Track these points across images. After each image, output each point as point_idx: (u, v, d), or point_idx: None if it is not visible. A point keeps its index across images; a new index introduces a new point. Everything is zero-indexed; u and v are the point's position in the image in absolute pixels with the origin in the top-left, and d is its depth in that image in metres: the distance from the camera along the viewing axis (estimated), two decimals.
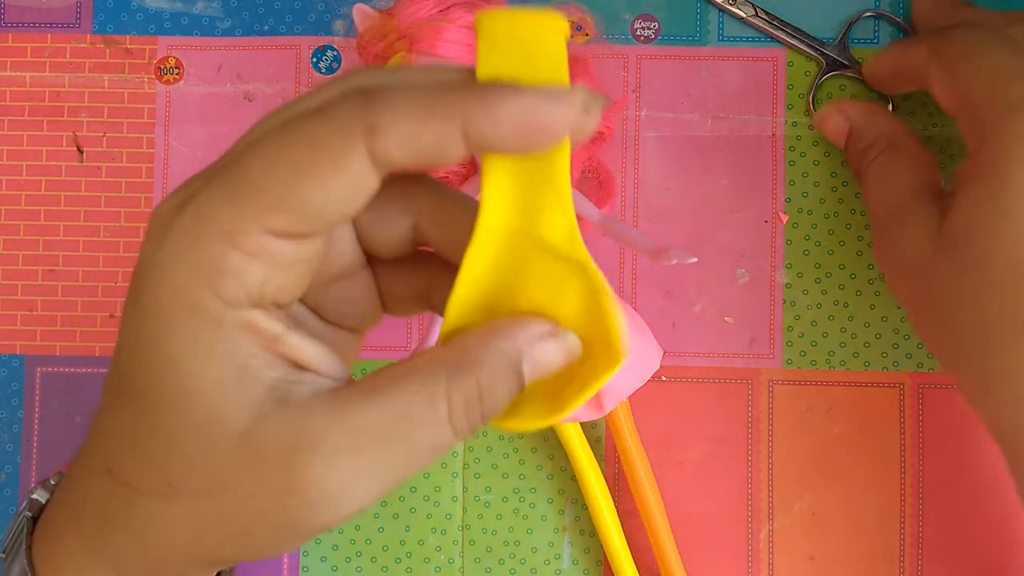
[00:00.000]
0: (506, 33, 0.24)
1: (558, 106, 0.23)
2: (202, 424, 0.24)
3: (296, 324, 0.25)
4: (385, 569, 0.42)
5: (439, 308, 0.27)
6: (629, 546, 0.41)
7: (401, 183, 0.26)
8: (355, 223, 0.27)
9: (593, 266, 0.25)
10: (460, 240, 0.26)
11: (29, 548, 0.28)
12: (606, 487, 0.41)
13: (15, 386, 0.43)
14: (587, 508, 0.41)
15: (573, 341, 0.26)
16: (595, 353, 0.26)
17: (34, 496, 0.29)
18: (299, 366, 0.25)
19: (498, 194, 0.25)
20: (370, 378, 0.25)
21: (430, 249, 0.28)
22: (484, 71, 0.25)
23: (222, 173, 0.24)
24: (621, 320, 0.25)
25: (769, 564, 0.42)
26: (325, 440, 0.24)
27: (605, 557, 0.42)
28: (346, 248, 0.27)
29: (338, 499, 0.24)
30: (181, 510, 0.25)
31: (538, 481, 0.42)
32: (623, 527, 0.41)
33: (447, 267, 0.27)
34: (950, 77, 0.36)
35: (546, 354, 0.26)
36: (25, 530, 0.28)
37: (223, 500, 0.24)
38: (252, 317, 0.24)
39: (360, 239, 0.28)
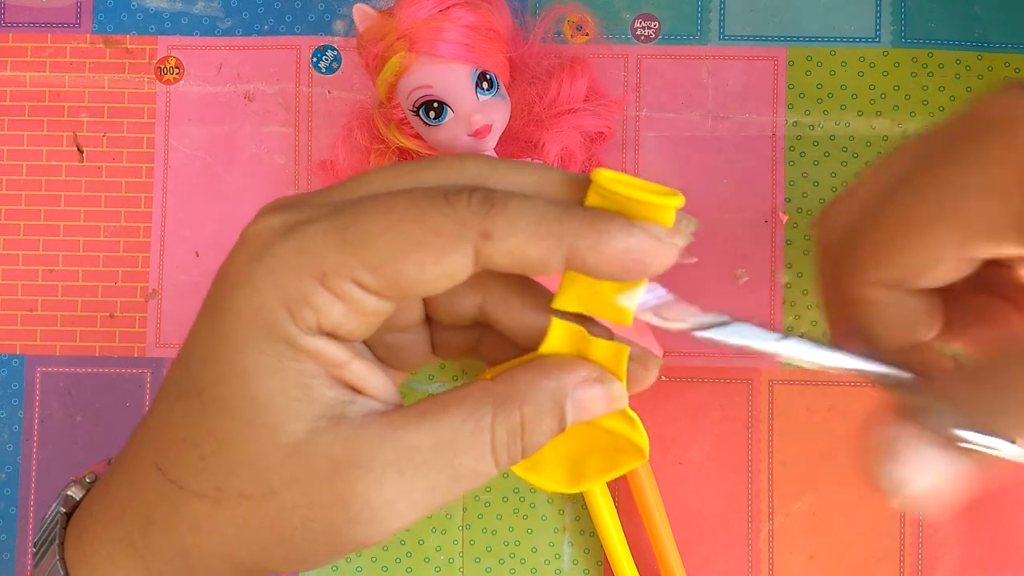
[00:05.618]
0: (619, 191, 0.25)
1: (662, 247, 0.25)
2: (257, 432, 0.25)
3: (358, 353, 0.26)
4: (385, 569, 0.42)
5: (488, 359, 0.29)
6: (629, 546, 0.41)
7: None
8: None
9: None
10: (523, 325, 0.28)
11: (61, 544, 0.28)
12: (606, 487, 0.41)
13: (15, 386, 0.43)
14: (587, 508, 0.41)
15: (618, 389, 0.27)
16: (621, 445, 0.28)
17: (68, 492, 0.30)
18: (356, 390, 0.26)
19: (573, 299, 0.26)
20: (420, 403, 0.26)
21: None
22: (593, 200, 0.25)
23: (337, 217, 0.25)
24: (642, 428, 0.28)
25: (769, 564, 0.42)
26: (374, 457, 0.25)
27: (605, 557, 0.42)
28: (412, 310, 0.29)
29: (381, 515, 0.25)
30: (226, 514, 0.26)
31: None
32: (623, 527, 0.41)
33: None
34: None
35: (590, 397, 0.27)
36: (58, 526, 0.28)
37: (269, 507, 0.25)
38: (322, 344, 0.25)
39: (426, 304, 0.29)
